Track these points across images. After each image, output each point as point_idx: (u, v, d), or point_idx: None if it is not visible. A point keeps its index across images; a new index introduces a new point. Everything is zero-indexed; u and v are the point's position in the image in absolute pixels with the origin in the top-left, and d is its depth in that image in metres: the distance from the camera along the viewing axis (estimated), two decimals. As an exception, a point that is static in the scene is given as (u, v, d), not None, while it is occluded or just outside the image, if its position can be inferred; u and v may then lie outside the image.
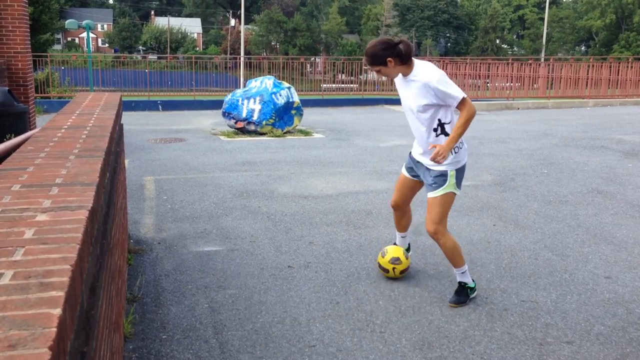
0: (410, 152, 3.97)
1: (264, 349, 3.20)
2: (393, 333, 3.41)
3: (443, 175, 3.65)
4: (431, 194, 3.71)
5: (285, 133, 11.31)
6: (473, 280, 3.91)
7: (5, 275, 1.12)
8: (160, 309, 3.68)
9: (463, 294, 3.83)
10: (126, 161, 7.69)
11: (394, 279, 4.17)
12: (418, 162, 3.84)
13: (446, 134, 3.61)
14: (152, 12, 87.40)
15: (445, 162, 3.58)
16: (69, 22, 18.19)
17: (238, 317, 3.58)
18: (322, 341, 3.31)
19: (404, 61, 3.50)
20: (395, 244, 4.35)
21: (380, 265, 4.18)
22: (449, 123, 3.62)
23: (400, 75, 3.62)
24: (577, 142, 10.42)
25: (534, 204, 6.28)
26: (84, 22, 17.89)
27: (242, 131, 11.24)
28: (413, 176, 3.96)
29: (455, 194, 3.72)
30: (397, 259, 4.10)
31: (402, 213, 4.17)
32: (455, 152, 3.64)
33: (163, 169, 7.84)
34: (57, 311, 0.98)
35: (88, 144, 2.54)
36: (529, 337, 3.39)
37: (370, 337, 3.36)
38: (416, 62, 3.58)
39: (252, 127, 11.15)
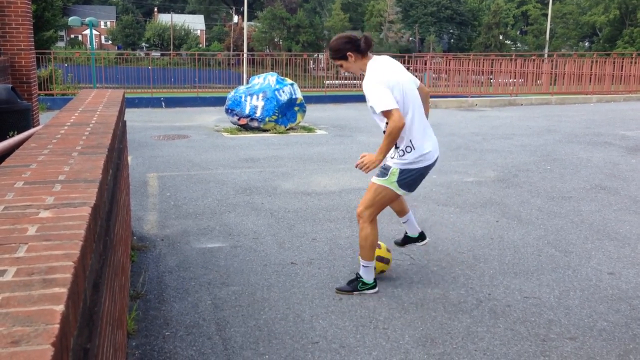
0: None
1: (267, 346, 3.21)
2: (396, 329, 3.41)
3: (386, 169, 3.72)
4: (372, 179, 3.80)
5: (288, 129, 11.31)
6: (375, 280, 3.89)
7: (9, 272, 1.12)
8: (163, 306, 3.69)
9: (352, 285, 3.88)
10: (129, 158, 7.70)
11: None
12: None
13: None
14: (155, 9, 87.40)
15: (392, 161, 3.68)
16: (72, 19, 18.21)
17: (241, 314, 3.59)
18: (325, 337, 3.31)
19: (363, 55, 3.58)
20: (406, 234, 4.33)
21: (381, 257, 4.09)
22: None
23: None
24: (581, 138, 10.40)
25: (537, 200, 6.27)
26: (87, 19, 17.92)
27: (245, 128, 11.24)
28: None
29: (392, 190, 3.71)
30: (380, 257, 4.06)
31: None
32: (400, 155, 3.66)
33: (166, 166, 7.85)
34: (60, 308, 0.99)
35: (91, 141, 2.54)
36: (532, 333, 3.38)
37: (373, 333, 3.37)
38: (370, 62, 3.61)
39: (255, 124, 11.15)
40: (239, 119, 11.23)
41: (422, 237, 4.30)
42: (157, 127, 11.72)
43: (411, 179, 3.72)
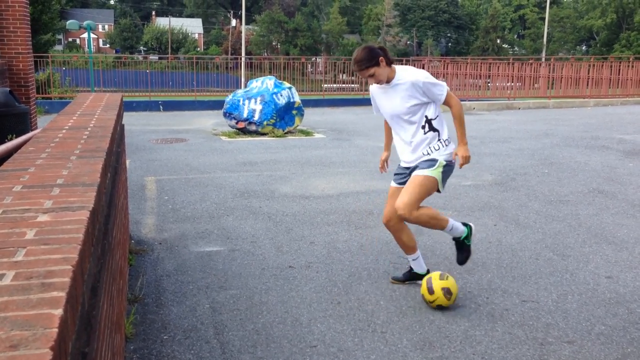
0: (399, 166, 3.98)
1: (265, 350, 3.20)
2: (394, 333, 3.41)
3: (432, 161, 3.70)
4: (416, 172, 3.71)
5: (286, 133, 11.32)
6: (463, 224, 3.94)
7: (7, 276, 1.12)
8: (161, 310, 3.69)
9: (464, 248, 3.95)
10: (127, 161, 7.70)
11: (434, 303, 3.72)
12: (407, 167, 3.86)
13: (434, 130, 3.71)
14: (153, 13, 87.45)
15: (438, 154, 3.70)
16: (70, 23, 18.21)
17: (239, 318, 3.58)
18: (323, 341, 3.31)
19: (389, 63, 3.66)
20: (411, 269, 4.05)
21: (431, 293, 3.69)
22: (435, 118, 3.72)
23: (377, 88, 3.79)
24: (578, 142, 10.42)
25: (535, 203, 6.28)
26: (85, 23, 17.91)
27: (243, 131, 11.24)
28: (404, 183, 3.84)
29: (435, 182, 3.68)
30: (448, 290, 3.65)
31: (396, 229, 3.90)
32: (446, 145, 3.75)
33: (164, 170, 7.85)
34: (59, 311, 0.99)
35: (89, 144, 2.54)
36: (530, 337, 3.39)
37: (372, 337, 3.36)
38: (397, 67, 3.75)
39: (253, 128, 11.15)
40: (237, 123, 11.23)
41: (428, 272, 4.04)
42: (155, 130, 11.72)
43: (449, 172, 3.77)
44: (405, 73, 3.68)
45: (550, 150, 9.60)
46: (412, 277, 4.08)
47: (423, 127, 3.70)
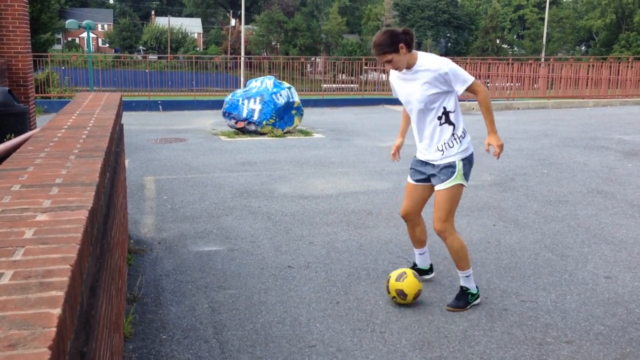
0: (413, 159, 3.87)
1: (264, 349, 3.21)
2: (393, 333, 3.41)
3: (451, 167, 3.59)
4: (439, 187, 3.62)
5: (285, 133, 11.32)
6: (477, 287, 3.80)
7: (5, 275, 1.12)
8: (160, 309, 3.69)
9: (463, 299, 3.72)
10: (126, 161, 7.70)
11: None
12: (423, 162, 3.74)
13: (450, 123, 3.60)
14: (153, 12, 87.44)
15: (452, 152, 3.59)
16: (69, 22, 18.20)
17: (238, 317, 3.58)
18: (322, 341, 3.31)
19: (410, 49, 3.51)
20: (415, 264, 4.15)
21: (388, 288, 3.80)
22: (453, 112, 3.60)
23: (396, 73, 3.63)
24: (577, 142, 10.42)
25: (534, 204, 6.28)
26: (84, 22, 17.90)
27: (243, 131, 11.24)
28: (421, 181, 3.81)
29: (463, 186, 3.63)
30: (402, 291, 3.70)
31: (413, 223, 3.95)
32: (460, 142, 3.62)
33: (163, 169, 7.85)
34: (57, 311, 0.99)
35: (88, 144, 2.54)
36: (528, 337, 3.39)
37: (370, 337, 3.36)
38: (419, 53, 3.58)
39: (253, 127, 11.15)
40: (236, 123, 11.23)
41: (431, 269, 4.19)
42: (154, 130, 11.72)
43: (471, 166, 3.69)
44: (428, 60, 3.53)
45: (550, 150, 9.61)
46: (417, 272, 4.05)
47: (440, 117, 3.59)
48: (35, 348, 0.88)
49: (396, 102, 19.49)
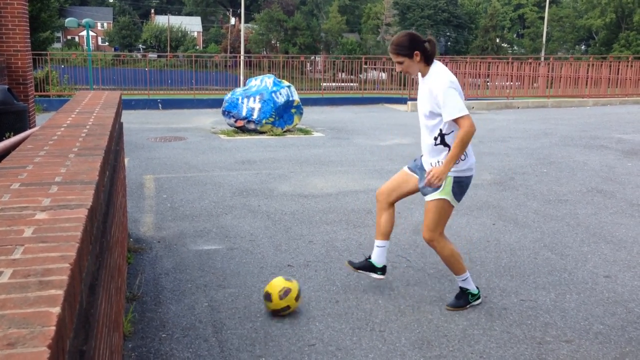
0: (420, 159, 3.80)
1: (264, 348, 3.20)
2: (392, 332, 3.41)
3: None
4: (427, 197, 3.60)
5: (285, 132, 11.31)
6: (477, 288, 3.77)
7: (5, 274, 1.12)
8: (159, 308, 3.68)
9: (463, 299, 3.71)
10: (126, 160, 7.69)
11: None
12: (422, 167, 3.72)
13: (445, 145, 3.50)
14: (152, 11, 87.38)
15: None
16: (68, 21, 18.18)
17: (237, 316, 3.58)
18: (321, 340, 3.31)
19: (427, 60, 3.47)
20: (369, 257, 3.93)
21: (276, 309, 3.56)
22: (449, 134, 3.48)
23: (420, 76, 3.59)
24: (577, 141, 10.42)
25: (534, 203, 6.28)
26: (83, 21, 17.89)
27: (242, 130, 11.24)
28: (413, 171, 3.77)
29: (449, 202, 3.53)
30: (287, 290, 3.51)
31: (382, 206, 3.83)
32: (456, 163, 3.45)
33: (163, 168, 7.84)
34: (56, 310, 0.99)
35: (88, 142, 2.54)
36: (528, 336, 3.39)
37: (370, 335, 3.36)
38: (436, 65, 3.51)
39: (252, 126, 11.14)
40: (235, 121, 11.23)
41: (383, 270, 3.94)
42: (154, 129, 11.71)
43: (462, 187, 3.57)
44: (434, 75, 3.46)
45: (549, 149, 9.61)
46: (367, 266, 3.91)
47: (435, 138, 3.53)
48: (34, 347, 0.88)
49: (396, 101, 19.54)
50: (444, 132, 3.50)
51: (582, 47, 72.18)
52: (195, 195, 6.40)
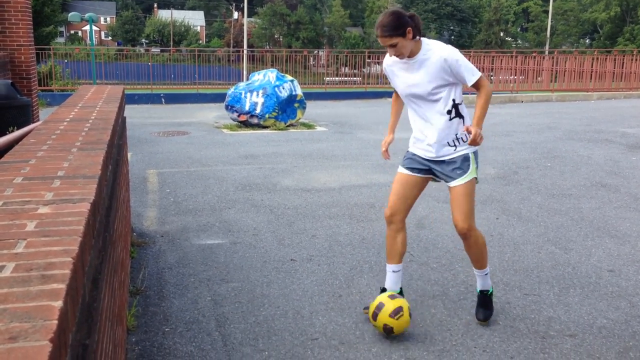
0: (410, 152, 3.48)
1: (267, 342, 3.21)
2: (395, 326, 3.41)
3: (467, 160, 3.27)
4: (456, 183, 3.28)
5: (288, 126, 11.30)
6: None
7: (7, 268, 1.12)
8: (163, 302, 3.69)
9: (490, 305, 3.49)
10: (129, 154, 7.69)
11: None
12: (425, 158, 3.38)
13: (460, 116, 3.27)
14: (155, 5, 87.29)
15: (466, 146, 3.26)
16: (71, 15, 18.18)
17: (241, 310, 3.58)
18: (324, 334, 3.31)
19: (418, 34, 3.19)
20: (383, 290, 3.58)
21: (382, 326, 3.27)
22: (460, 103, 3.28)
23: (395, 60, 3.28)
24: (581, 135, 10.39)
25: (538, 197, 6.27)
26: (86, 15, 17.87)
27: (245, 124, 11.23)
28: (418, 171, 3.42)
29: (477, 180, 3.35)
30: (400, 308, 3.24)
31: (398, 227, 3.46)
32: (465, 141, 3.28)
33: (166, 162, 7.85)
34: (59, 303, 0.98)
35: (90, 136, 2.54)
36: (531, 330, 3.38)
37: (373, 330, 3.36)
38: (424, 39, 3.23)
39: (255, 120, 11.14)
40: (238, 116, 11.22)
41: (401, 293, 3.56)
42: (157, 123, 11.71)
43: (478, 159, 3.38)
44: (434, 47, 3.19)
45: (553, 143, 9.58)
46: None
47: (449, 111, 3.24)
48: (36, 341, 0.88)
49: (399, 95, 19.32)
50: (457, 101, 3.26)
51: (587, 41, 71.89)
52: (199, 190, 6.40)
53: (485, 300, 3.52)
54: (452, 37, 69.96)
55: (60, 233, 1.31)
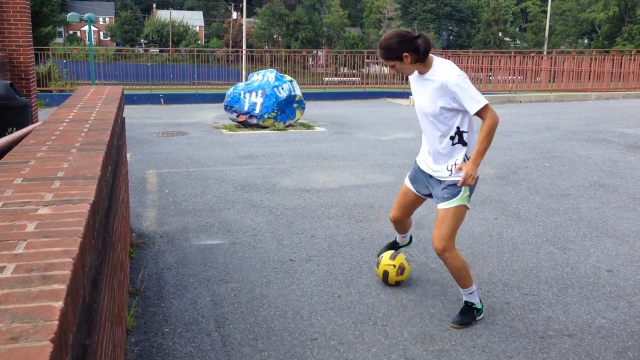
0: (416, 161, 3.62)
1: (266, 342, 3.21)
2: (395, 326, 3.42)
3: (454, 185, 3.32)
4: (443, 205, 3.35)
5: (287, 126, 11.30)
6: (481, 302, 3.54)
7: (7, 269, 1.12)
8: (162, 302, 3.69)
9: (469, 315, 3.48)
10: (128, 155, 7.69)
11: (388, 283, 3.97)
12: (426, 173, 3.50)
13: (464, 144, 3.30)
14: (154, 5, 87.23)
15: (456, 174, 3.29)
16: (70, 15, 18.18)
17: (240, 311, 3.59)
18: (324, 334, 3.32)
19: (421, 58, 3.19)
20: (395, 241, 4.17)
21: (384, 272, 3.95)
22: (467, 132, 3.29)
23: (416, 73, 3.34)
24: (580, 136, 10.40)
25: (536, 197, 6.27)
26: (85, 16, 17.87)
27: (244, 125, 11.23)
28: (417, 191, 3.63)
29: (467, 208, 3.37)
30: (402, 265, 3.94)
31: (401, 226, 3.94)
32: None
33: (165, 163, 7.85)
34: (59, 304, 0.99)
35: (90, 137, 2.54)
36: (530, 330, 3.39)
37: (372, 330, 3.37)
38: (436, 59, 3.27)
39: (254, 121, 11.14)
40: (237, 116, 11.22)
41: (410, 239, 4.21)
42: (156, 123, 11.71)
43: (474, 188, 3.40)
44: (440, 70, 3.20)
45: (552, 143, 9.59)
46: (392, 245, 4.17)
47: (452, 137, 3.28)
48: (37, 341, 0.88)
49: (398, 95, 19.49)
50: (462, 129, 3.27)
51: (585, 41, 71.94)
52: (198, 190, 6.40)
53: (465, 308, 3.50)
54: (451, 38, 70.01)
55: (61, 234, 1.31)
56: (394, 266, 3.92)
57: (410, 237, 4.20)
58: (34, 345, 0.87)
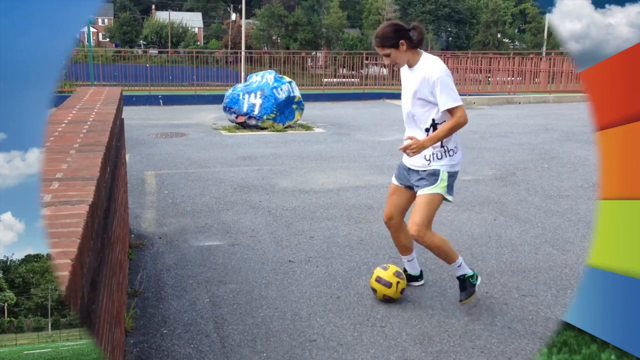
0: (401, 161, 3.75)
1: (265, 343, 3.21)
2: (394, 327, 3.42)
3: (435, 175, 3.46)
4: (420, 191, 3.49)
5: (286, 127, 11.31)
6: (471, 269, 3.67)
7: (6, 270, 1.12)
8: (161, 304, 3.69)
9: (468, 286, 3.57)
10: (127, 156, 7.69)
11: (389, 300, 3.74)
12: (407, 167, 3.64)
13: None
14: (153, 7, 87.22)
15: (440, 163, 3.46)
16: (69, 16, 18.13)
17: (239, 312, 3.59)
18: (322, 335, 3.31)
19: (415, 46, 3.37)
20: (405, 270, 3.95)
21: (377, 286, 3.74)
22: (441, 123, 3.44)
23: (406, 65, 3.49)
24: (579, 137, 10.41)
25: (535, 198, 6.28)
26: (84, 17, 17.83)
27: (243, 126, 11.23)
28: (400, 183, 3.73)
29: (443, 197, 3.49)
30: (400, 273, 3.76)
31: (396, 228, 3.79)
32: (450, 155, 3.49)
33: (164, 164, 7.85)
34: (58, 305, 0.99)
35: (89, 138, 2.54)
36: (529, 331, 3.39)
37: (371, 331, 3.37)
38: (425, 54, 3.44)
39: (253, 122, 11.14)
40: (237, 117, 11.22)
41: (421, 276, 4.03)
42: (155, 125, 11.71)
43: (453, 182, 3.53)
44: (426, 64, 3.38)
45: (551, 144, 9.60)
46: (407, 279, 3.91)
47: (427, 129, 3.45)
48: (36, 342, 0.88)
49: (397, 96, 19.44)
50: (437, 121, 3.43)
51: (584, 42, 71.86)
52: (197, 191, 6.40)
53: (461, 284, 3.62)
54: (450, 39, 70.06)
55: (59, 235, 1.31)
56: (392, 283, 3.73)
57: (421, 272, 4.02)
58: (33, 346, 0.87)
